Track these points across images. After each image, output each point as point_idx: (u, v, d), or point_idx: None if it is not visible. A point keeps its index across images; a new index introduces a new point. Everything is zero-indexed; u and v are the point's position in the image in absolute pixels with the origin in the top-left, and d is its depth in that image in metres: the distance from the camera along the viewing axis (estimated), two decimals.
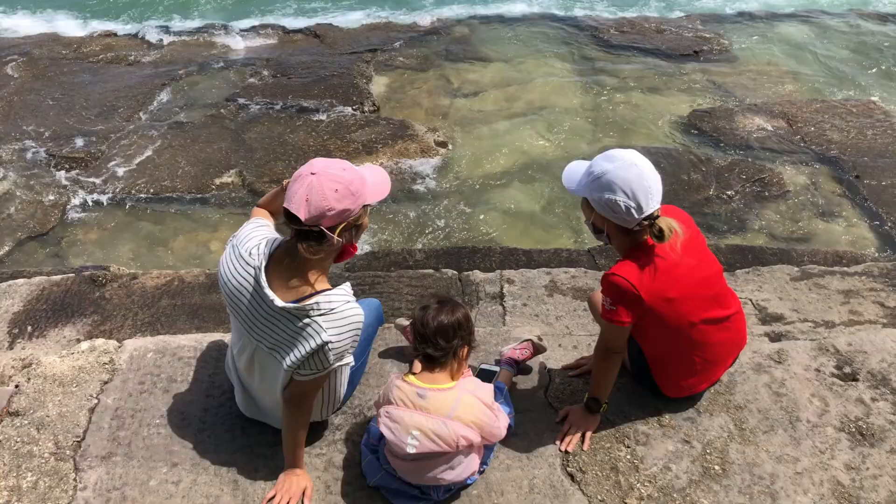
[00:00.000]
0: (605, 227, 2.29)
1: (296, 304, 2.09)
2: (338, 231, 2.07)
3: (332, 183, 2.02)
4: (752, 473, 2.40)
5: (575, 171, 2.33)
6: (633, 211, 2.16)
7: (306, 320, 2.09)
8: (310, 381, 2.19)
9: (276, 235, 2.28)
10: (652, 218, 2.19)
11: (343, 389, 2.47)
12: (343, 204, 2.04)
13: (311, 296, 2.11)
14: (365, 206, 2.15)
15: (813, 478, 2.38)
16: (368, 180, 2.14)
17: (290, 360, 2.14)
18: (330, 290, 2.14)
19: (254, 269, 2.16)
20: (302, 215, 2.02)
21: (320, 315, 2.08)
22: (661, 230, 2.18)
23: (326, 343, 2.09)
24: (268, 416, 2.48)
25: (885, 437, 2.51)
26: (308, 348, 2.10)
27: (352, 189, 2.05)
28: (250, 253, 2.20)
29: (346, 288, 2.17)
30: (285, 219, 2.11)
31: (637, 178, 2.15)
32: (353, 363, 2.33)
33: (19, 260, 4.89)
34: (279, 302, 2.09)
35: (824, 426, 2.56)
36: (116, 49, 8.35)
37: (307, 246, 2.07)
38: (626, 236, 2.27)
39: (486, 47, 8.28)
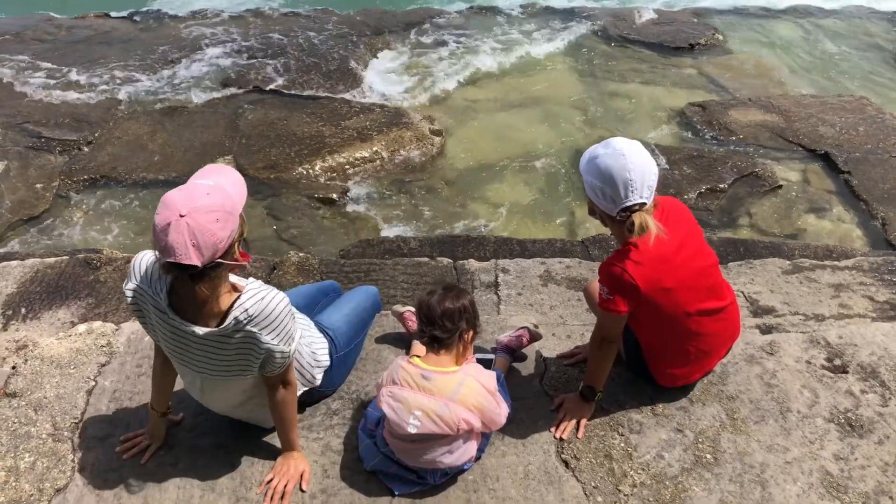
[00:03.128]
0: (597, 210, 2.34)
1: (219, 329, 2.00)
2: (233, 254, 1.95)
3: (208, 215, 1.83)
4: (743, 462, 2.43)
5: (590, 152, 2.37)
6: (609, 198, 2.20)
7: (238, 335, 2.02)
8: (286, 367, 2.16)
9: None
10: (630, 210, 2.21)
11: (312, 362, 2.45)
12: (227, 228, 1.88)
13: (227, 312, 2.00)
14: (241, 215, 1.98)
15: (802, 467, 2.42)
16: (230, 188, 1.95)
17: (247, 371, 2.11)
18: (239, 295, 2.02)
19: (158, 310, 2.05)
20: (198, 262, 1.84)
21: (247, 324, 2.00)
22: (632, 224, 2.21)
23: (270, 348, 2.05)
24: (241, 417, 2.47)
25: (873, 428, 2.56)
26: (256, 357, 2.07)
27: (227, 208, 1.88)
28: (154, 289, 2.05)
29: (252, 284, 2.06)
30: (169, 270, 1.90)
31: (619, 168, 2.18)
32: (302, 335, 2.29)
33: (11, 242, 4.86)
34: (201, 331, 2.01)
35: (814, 417, 2.60)
36: (108, 31, 8.27)
37: (206, 285, 1.93)
38: (614, 223, 2.30)
39: (482, 36, 8.27)
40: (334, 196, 5.39)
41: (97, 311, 3.46)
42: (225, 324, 2.00)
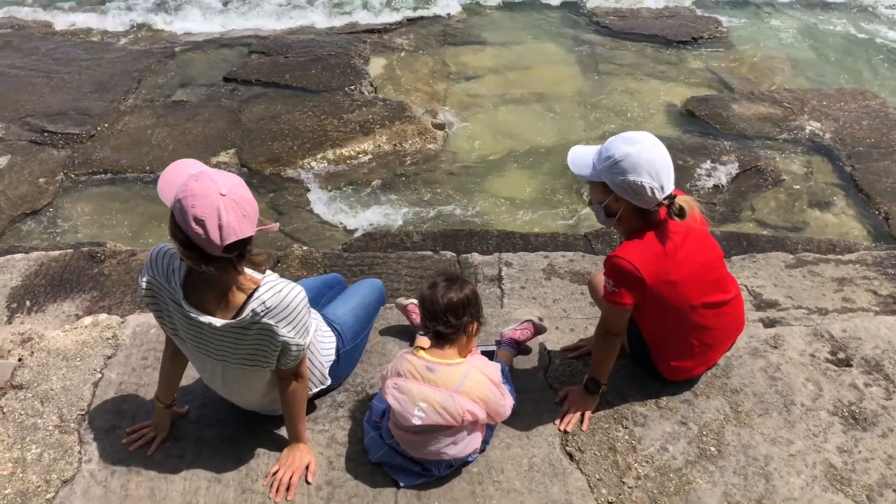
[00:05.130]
0: (620, 211, 2.31)
1: (236, 320, 2.02)
2: (247, 246, 1.94)
3: (241, 187, 1.89)
4: (747, 455, 2.44)
5: (582, 156, 2.34)
6: (656, 192, 2.19)
7: (255, 327, 2.04)
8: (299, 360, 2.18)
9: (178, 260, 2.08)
10: (671, 197, 2.22)
11: (323, 362, 2.47)
12: (253, 221, 1.91)
13: (245, 304, 2.02)
14: None
15: (806, 460, 2.43)
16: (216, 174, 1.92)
17: (264, 364, 2.13)
18: (258, 287, 2.03)
19: (174, 302, 2.06)
20: (252, 231, 1.90)
21: (264, 316, 2.02)
22: (681, 208, 2.21)
23: (286, 341, 2.06)
24: (264, 411, 2.48)
25: (877, 421, 2.57)
26: (273, 349, 2.09)
27: (254, 204, 1.92)
28: (170, 282, 2.07)
29: (270, 277, 2.07)
30: (209, 261, 1.92)
31: (660, 159, 2.19)
32: (318, 327, 2.31)
33: (13, 236, 4.87)
34: (218, 322, 2.02)
35: (818, 410, 2.61)
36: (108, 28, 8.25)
37: (238, 267, 1.96)
38: (640, 218, 2.29)
39: (484, 31, 8.24)
40: (337, 189, 5.39)
41: (102, 303, 3.47)
42: (242, 315, 2.01)
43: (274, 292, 2.04)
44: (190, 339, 2.14)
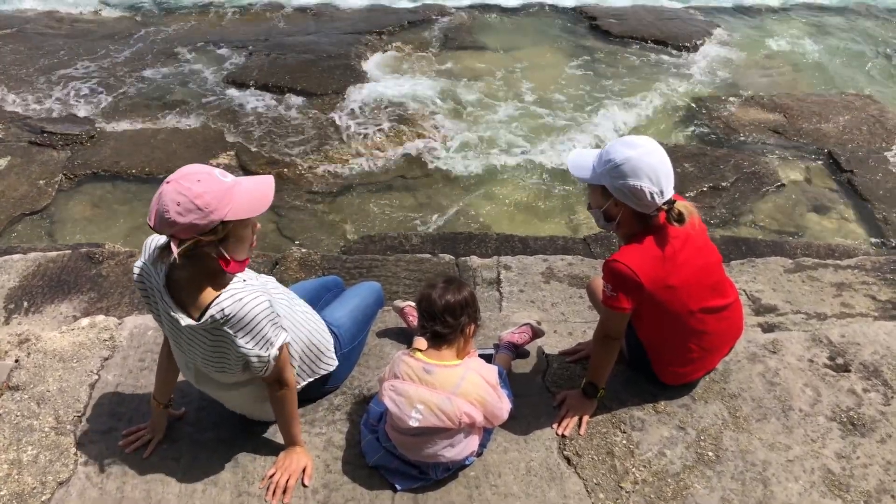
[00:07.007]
0: (619, 215, 2.31)
1: (197, 323, 2.01)
2: (185, 244, 1.91)
3: (176, 195, 1.87)
4: (745, 460, 2.43)
5: (582, 159, 2.33)
6: (656, 197, 2.18)
7: (217, 332, 2.02)
8: (271, 370, 2.14)
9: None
10: (670, 202, 2.22)
11: (320, 350, 2.44)
12: (187, 218, 1.87)
13: (208, 307, 2.01)
14: (226, 223, 1.93)
15: (804, 465, 2.42)
16: (237, 194, 1.94)
17: (229, 370, 2.13)
18: (219, 295, 2.01)
19: (158, 291, 2.08)
20: (177, 218, 1.88)
21: (224, 324, 2.00)
22: (680, 213, 2.21)
23: (245, 352, 2.04)
24: (238, 410, 2.47)
25: (875, 427, 2.56)
26: (234, 358, 2.08)
27: (198, 203, 1.87)
28: (156, 268, 2.08)
29: (235, 283, 2.05)
30: (162, 252, 2.03)
31: (660, 163, 2.18)
32: (288, 337, 2.21)
33: (12, 237, 4.87)
34: (184, 321, 2.02)
35: (816, 415, 2.60)
36: (110, 25, 8.27)
37: (166, 254, 1.97)
38: (640, 222, 2.29)
39: (484, 34, 8.26)
40: (336, 192, 5.39)
41: (99, 305, 3.47)
42: (202, 319, 2.00)
43: (233, 301, 2.00)
44: (167, 329, 2.16)
